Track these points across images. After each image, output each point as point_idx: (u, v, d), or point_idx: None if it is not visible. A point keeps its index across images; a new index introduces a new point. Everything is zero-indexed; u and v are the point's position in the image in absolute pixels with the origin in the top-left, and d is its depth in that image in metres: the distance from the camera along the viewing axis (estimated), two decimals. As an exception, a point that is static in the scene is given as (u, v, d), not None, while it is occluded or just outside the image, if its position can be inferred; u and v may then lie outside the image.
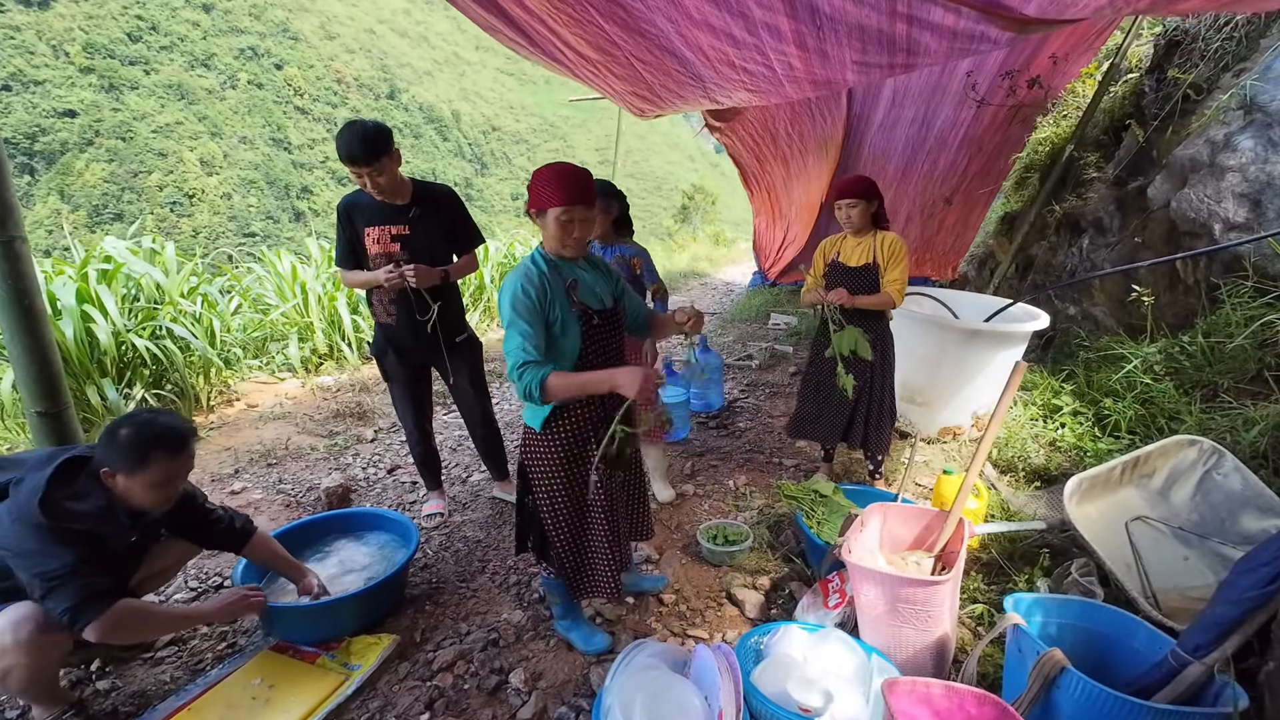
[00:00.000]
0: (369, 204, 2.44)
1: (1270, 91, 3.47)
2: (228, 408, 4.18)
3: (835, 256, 2.87)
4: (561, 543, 1.90)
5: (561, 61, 3.72)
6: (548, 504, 1.86)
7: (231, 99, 64.30)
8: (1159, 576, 2.22)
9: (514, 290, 1.67)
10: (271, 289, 5.22)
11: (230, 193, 58.20)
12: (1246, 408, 2.95)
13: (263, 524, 2.78)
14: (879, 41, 3.40)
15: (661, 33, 3.36)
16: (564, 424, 1.81)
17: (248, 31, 68.88)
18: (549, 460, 1.83)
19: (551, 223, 1.70)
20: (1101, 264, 4.55)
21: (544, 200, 1.68)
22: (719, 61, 3.70)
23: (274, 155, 63.32)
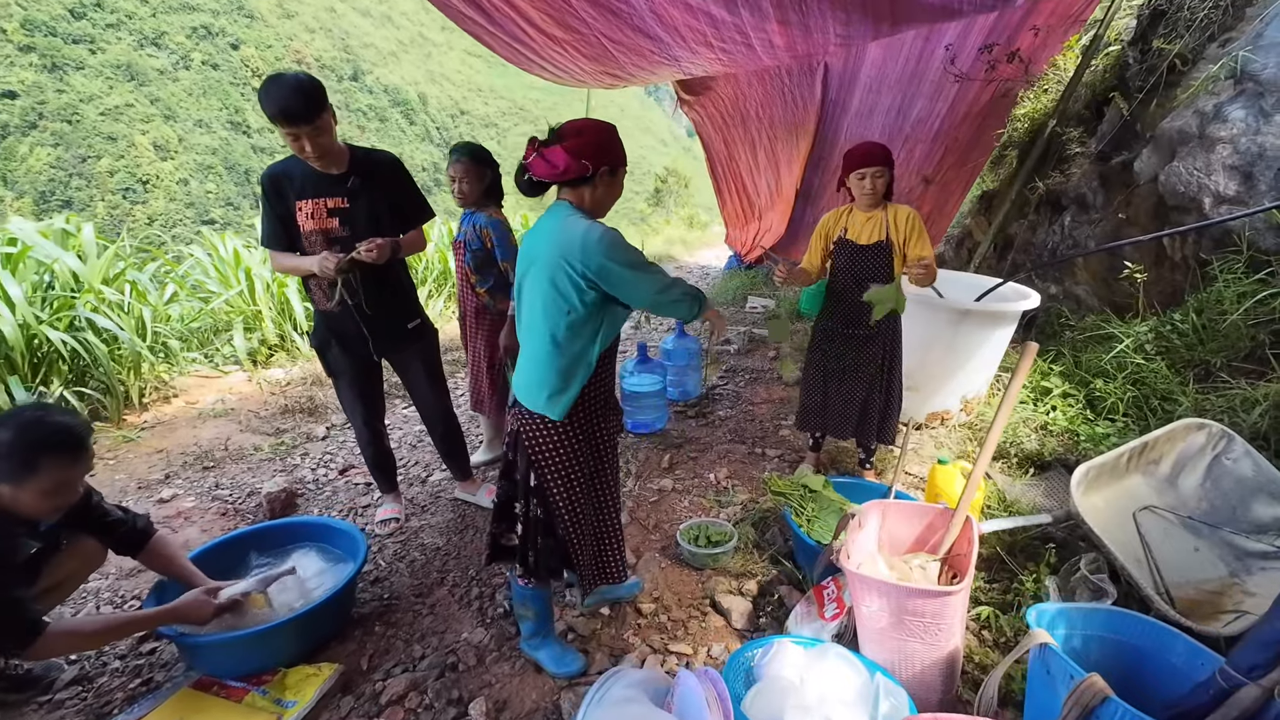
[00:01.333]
0: (300, 174, 2.13)
1: (1262, 60, 3.34)
2: (164, 405, 3.83)
3: (842, 234, 2.63)
4: (582, 535, 1.80)
5: (525, 41, 3.42)
6: (565, 498, 1.73)
7: (185, 80, 61.54)
8: (1170, 570, 2.08)
9: (613, 231, 1.57)
10: (214, 275, 4.82)
11: (187, 178, 55.92)
12: (1243, 387, 2.84)
13: (192, 536, 2.51)
14: (864, 11, 3.19)
15: (635, 11, 3.10)
16: (583, 411, 1.71)
17: (200, 9, 65.81)
18: (569, 450, 1.71)
19: (619, 180, 1.68)
20: (1085, 241, 4.43)
21: (621, 157, 1.65)
22: (696, 42, 3.45)
23: (233, 139, 60.92)
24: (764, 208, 7.63)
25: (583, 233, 1.54)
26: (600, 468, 1.82)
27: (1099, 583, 1.97)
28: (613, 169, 1.63)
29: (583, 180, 1.60)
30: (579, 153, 1.55)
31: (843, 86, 5.71)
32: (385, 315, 2.35)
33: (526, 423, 1.69)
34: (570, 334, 1.61)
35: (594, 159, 1.57)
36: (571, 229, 1.56)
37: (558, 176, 1.57)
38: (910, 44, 5.05)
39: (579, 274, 1.54)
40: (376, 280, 2.24)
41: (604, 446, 1.82)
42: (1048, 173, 4.93)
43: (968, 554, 1.72)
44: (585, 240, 1.52)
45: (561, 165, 1.55)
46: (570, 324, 1.60)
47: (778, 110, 6.15)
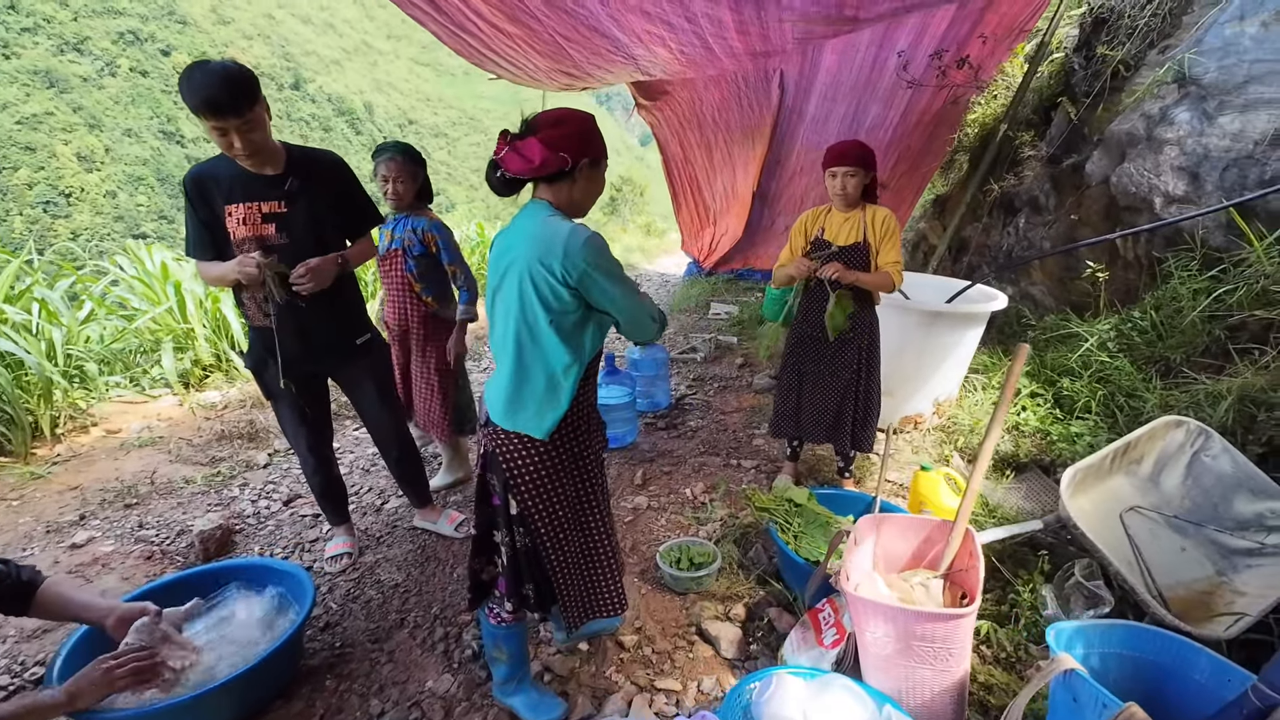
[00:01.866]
0: (229, 175, 1.90)
1: (1204, 64, 3.44)
2: (80, 436, 3.45)
3: (819, 234, 2.55)
4: (568, 566, 1.63)
5: (473, 32, 3.24)
6: (549, 525, 1.56)
7: (112, 87, 58.40)
8: (1160, 571, 2.04)
9: (600, 240, 1.43)
10: (140, 290, 4.41)
11: (115, 190, 52.95)
12: (1205, 382, 2.88)
13: (111, 585, 2.21)
14: (824, 19, 3.16)
15: (591, 14, 2.98)
16: (569, 428, 1.56)
17: (127, 14, 62.66)
18: (554, 472, 1.55)
19: (602, 173, 1.54)
20: (1039, 242, 4.51)
21: (603, 149, 1.51)
22: (653, 43, 3.35)
23: (165, 149, 58.04)
24: (719, 212, 7.61)
25: (566, 235, 1.39)
26: (589, 489, 1.66)
27: (1095, 589, 1.92)
28: (594, 162, 1.49)
29: (562, 175, 1.45)
30: (556, 144, 1.40)
31: (799, 93, 5.74)
32: (330, 330, 2.13)
33: (503, 444, 1.51)
34: (553, 345, 1.46)
35: (574, 151, 1.42)
36: (552, 230, 1.41)
37: (534, 172, 1.41)
38: (864, 52, 5.09)
39: (560, 280, 1.39)
40: (322, 292, 2.02)
41: (591, 465, 1.66)
42: (1001, 175, 5.02)
43: (972, 569, 1.63)
44: (568, 243, 1.38)
45: (538, 159, 1.39)
46: (554, 333, 1.45)
47: (734, 114, 6.13)
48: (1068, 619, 1.89)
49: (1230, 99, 3.26)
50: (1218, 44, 3.40)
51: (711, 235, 7.94)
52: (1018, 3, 4.40)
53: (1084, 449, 2.79)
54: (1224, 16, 3.44)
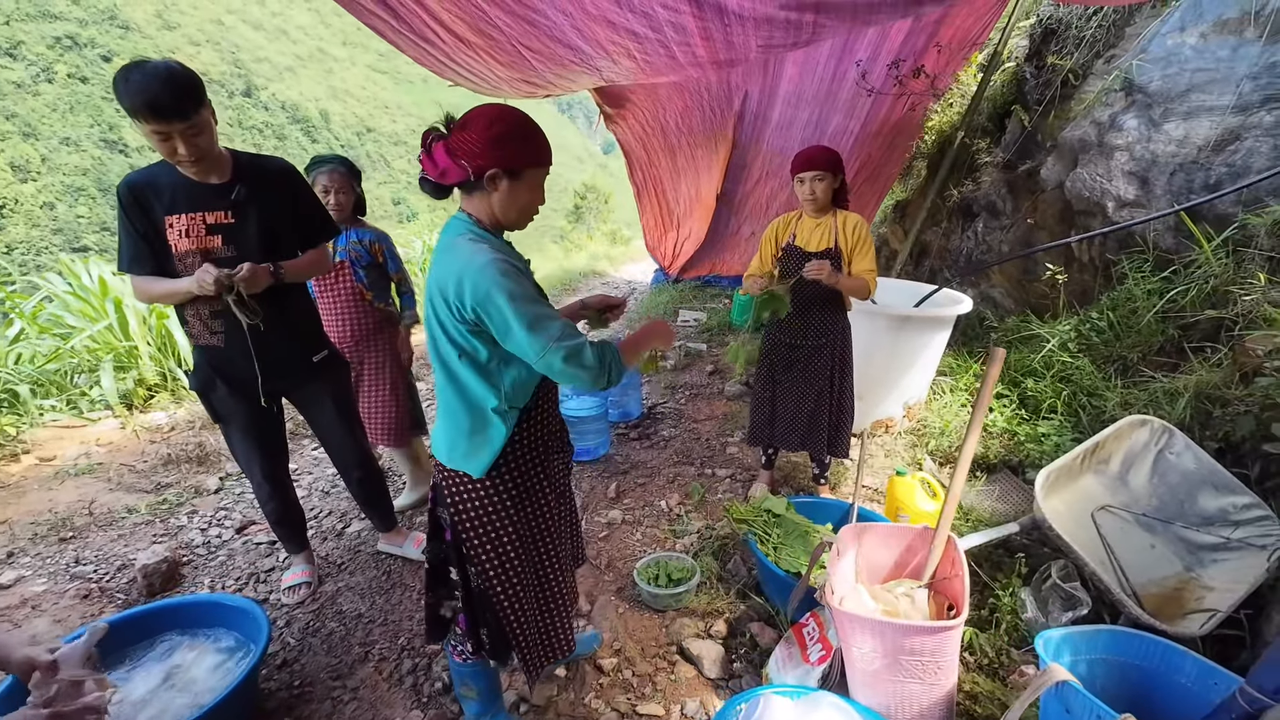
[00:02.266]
0: (170, 183, 1.77)
1: (1149, 73, 3.57)
2: (10, 464, 3.20)
3: (790, 240, 2.53)
4: (520, 611, 1.48)
5: (434, 42, 3.15)
6: (498, 568, 1.43)
7: (48, 94, 55.76)
8: (1132, 569, 2.07)
9: (503, 262, 1.23)
10: (76, 307, 4.14)
11: (53, 201, 50.50)
12: (1160, 380, 2.96)
13: (43, 628, 2.04)
14: (785, 27, 3.17)
15: (553, 24, 2.92)
16: (514, 461, 1.42)
17: (64, 18, 60.00)
18: (498, 511, 1.41)
19: (526, 185, 1.32)
20: (998, 246, 4.62)
21: (527, 156, 1.29)
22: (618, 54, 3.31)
23: (107, 159, 55.63)
24: (683, 215, 7.62)
25: (463, 261, 1.23)
26: (542, 526, 1.50)
27: (1072, 590, 1.93)
28: (512, 172, 1.28)
29: (473, 186, 1.29)
30: (458, 151, 1.24)
31: (763, 98, 5.78)
32: (286, 348, 2.00)
33: (447, 480, 1.40)
34: (474, 382, 1.32)
35: (478, 159, 1.24)
36: (452, 256, 1.26)
37: (441, 179, 1.27)
38: (824, 64, 5.18)
39: (457, 313, 1.25)
40: (273, 306, 1.90)
41: (544, 499, 1.49)
42: (959, 181, 5.14)
43: (956, 577, 1.61)
44: (463, 272, 1.22)
45: (440, 166, 1.25)
46: (470, 369, 1.31)
47: (696, 119, 6.16)
48: (1047, 622, 1.90)
49: (1174, 106, 3.39)
50: (1160, 54, 3.53)
51: (675, 239, 7.94)
52: (969, 17, 4.52)
53: (1051, 449, 2.84)
54: (1165, 28, 3.58)
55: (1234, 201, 2.99)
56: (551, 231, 31.84)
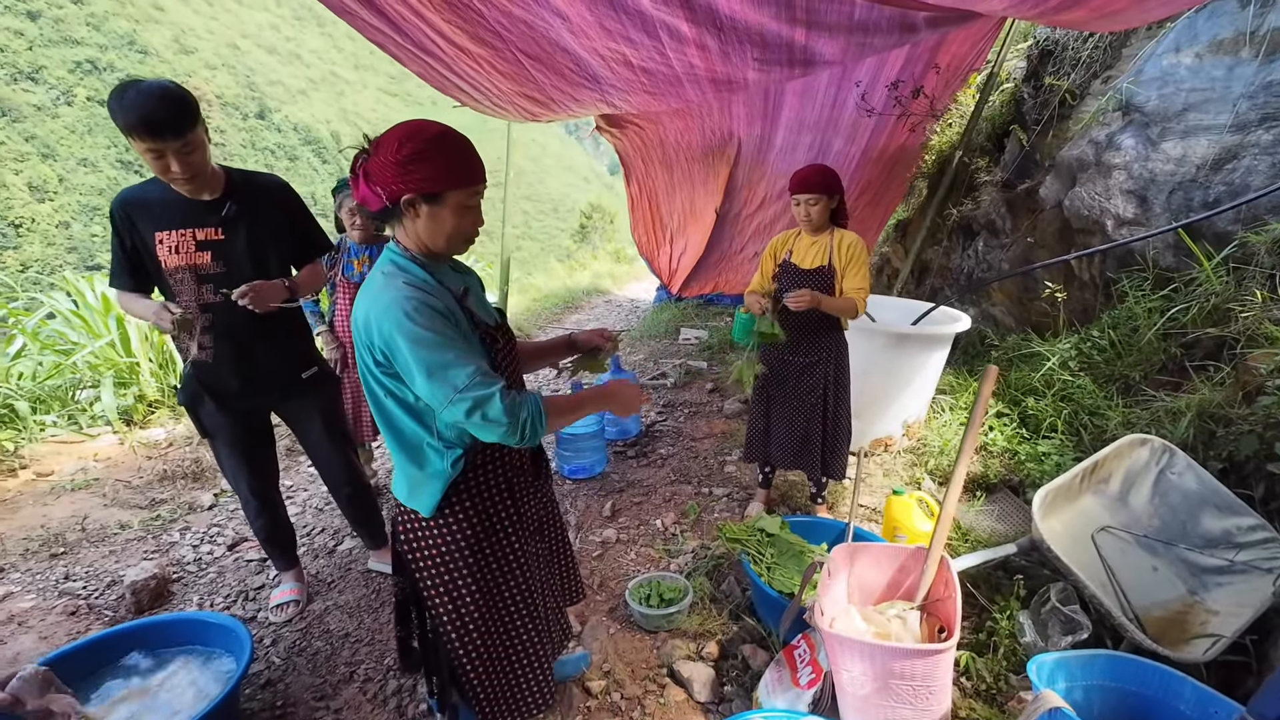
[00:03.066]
0: (160, 200, 1.80)
1: (1145, 93, 3.59)
2: (8, 479, 3.21)
3: (787, 256, 2.55)
4: (478, 664, 1.35)
5: (435, 53, 3.20)
6: (452, 614, 1.31)
7: (67, 116, 56.96)
8: (1134, 592, 2.02)
9: (409, 300, 1.11)
10: (78, 324, 4.18)
11: (69, 221, 51.32)
12: (1163, 399, 2.93)
13: (27, 646, 2.01)
14: (778, 44, 3.21)
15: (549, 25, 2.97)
16: (471, 500, 1.28)
17: (85, 43, 61.50)
18: (451, 555, 1.28)
19: (451, 210, 1.18)
20: (998, 264, 4.61)
21: (440, 179, 1.14)
22: (615, 62, 3.35)
23: (122, 179, 56.54)
24: (676, 230, 7.65)
25: (373, 297, 1.15)
26: (506, 571, 1.35)
27: (1071, 614, 1.88)
28: (431, 196, 1.15)
29: (390, 213, 1.18)
30: (373, 175, 1.14)
31: (766, 122, 5.83)
32: (275, 363, 2.01)
33: (400, 516, 1.32)
34: (403, 418, 1.22)
35: (392, 185, 1.13)
36: (367, 289, 1.18)
37: (365, 206, 1.18)
38: (824, 90, 5.25)
39: (368, 351, 1.17)
40: (263, 323, 1.91)
41: (510, 540, 1.36)
42: (959, 200, 5.15)
43: (948, 598, 1.57)
44: (372, 307, 1.14)
45: (358, 194, 1.17)
46: (398, 406, 1.21)
47: (695, 138, 6.22)
48: (1046, 646, 1.85)
49: (1172, 125, 3.39)
50: (1156, 74, 3.55)
51: (669, 254, 7.97)
52: (965, 42, 4.58)
53: (1052, 468, 2.80)
54: (1160, 48, 3.60)
55: (1233, 219, 2.97)
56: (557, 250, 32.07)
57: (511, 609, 1.37)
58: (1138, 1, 2.08)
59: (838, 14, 2.81)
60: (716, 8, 2.78)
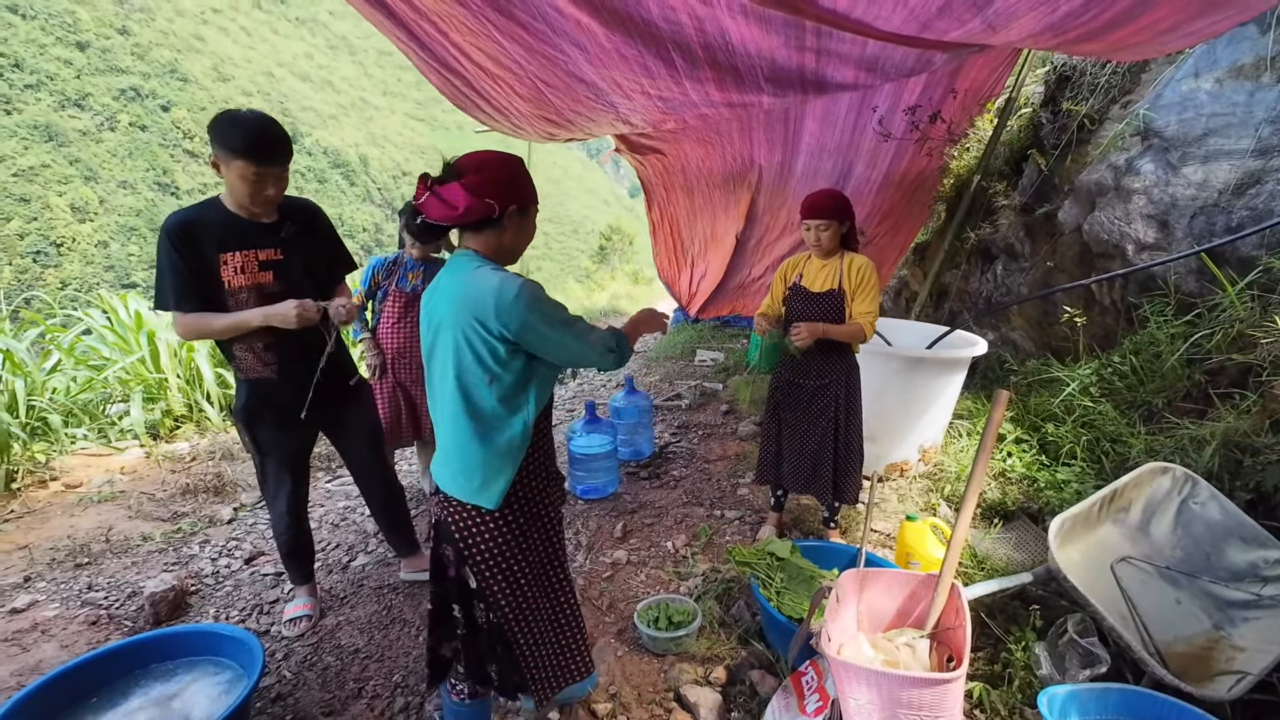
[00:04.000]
0: (221, 222, 1.89)
1: (1164, 118, 3.57)
2: (39, 490, 3.31)
3: (797, 280, 2.57)
4: (535, 642, 1.51)
5: (457, 70, 3.31)
6: (511, 599, 1.45)
7: (110, 141, 59.41)
8: (1155, 625, 1.96)
9: (534, 285, 1.35)
10: (111, 340, 4.32)
11: (108, 240, 53.25)
12: (1188, 426, 2.86)
13: (50, 653, 2.07)
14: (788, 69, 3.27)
15: (568, 58, 3.06)
16: (523, 489, 1.46)
17: (129, 71, 64.33)
18: (512, 543, 1.44)
19: (531, 221, 1.48)
20: (1017, 288, 4.57)
21: (533, 195, 1.44)
22: (632, 90, 3.44)
23: (159, 200, 58.68)
24: (697, 254, 7.70)
25: (497, 288, 1.31)
26: (550, 551, 1.55)
27: (1089, 647, 1.83)
28: (523, 207, 1.41)
29: (489, 223, 1.37)
30: (481, 190, 1.32)
31: (787, 149, 5.88)
32: (329, 375, 2.11)
33: (457, 515, 1.42)
34: (497, 406, 1.37)
35: (500, 197, 1.34)
36: (482, 284, 1.32)
37: (457, 219, 1.33)
38: (844, 116, 5.29)
39: (496, 336, 1.31)
40: (316, 335, 2.01)
41: (551, 525, 1.55)
42: (977, 224, 5.13)
43: (959, 627, 1.55)
44: (500, 296, 1.30)
45: (461, 206, 1.31)
46: (495, 394, 1.36)
47: (716, 164, 6.28)
48: (1063, 679, 1.80)
49: (1192, 150, 3.37)
50: (1176, 99, 3.53)
51: (690, 277, 8.02)
52: (984, 69, 4.60)
53: (1071, 496, 2.74)
54: (1179, 74, 3.59)
55: (1257, 244, 2.93)
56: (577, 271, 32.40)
57: (557, 586, 1.55)
58: (1155, 36, 2.09)
59: (849, 48, 2.85)
60: (729, 38, 2.84)
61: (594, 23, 2.53)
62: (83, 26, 62.16)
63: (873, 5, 2.14)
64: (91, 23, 63.20)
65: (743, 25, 2.59)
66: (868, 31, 2.40)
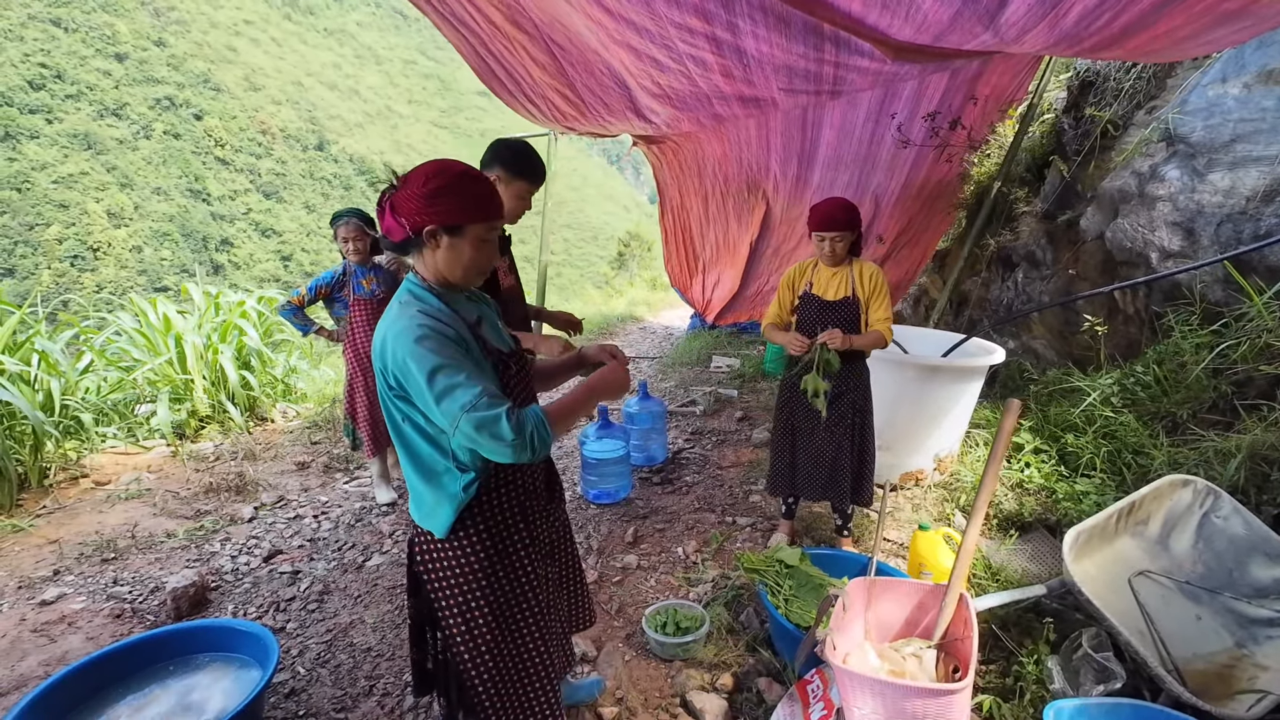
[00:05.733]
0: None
1: (1190, 123, 3.51)
2: (71, 487, 3.42)
3: (808, 288, 2.56)
4: (490, 686, 1.36)
5: (471, 26, 3.29)
6: (465, 635, 1.32)
7: (145, 149, 61.29)
8: (1175, 642, 1.92)
9: (420, 327, 1.17)
10: (141, 342, 4.46)
11: (141, 245, 54.84)
12: (1213, 438, 2.79)
13: (74, 646, 2.14)
14: (806, 77, 3.27)
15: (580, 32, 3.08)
16: (484, 524, 1.31)
17: (165, 82, 66.38)
18: (465, 577, 1.30)
19: (470, 243, 1.25)
20: (1038, 296, 4.50)
21: (461, 213, 1.22)
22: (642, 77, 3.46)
23: (191, 206, 60.35)
24: (709, 261, 7.68)
25: (388, 324, 1.21)
26: (519, 593, 1.37)
27: (1104, 662, 1.79)
28: (452, 229, 1.22)
29: (412, 244, 1.25)
30: (399, 208, 1.21)
31: (802, 161, 5.86)
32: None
33: (416, 536, 1.36)
34: (419, 441, 1.26)
35: (416, 216, 1.20)
36: (385, 316, 1.24)
37: (390, 236, 1.24)
38: (861, 126, 5.26)
39: (382, 377, 1.23)
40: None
41: (523, 562, 1.38)
42: (997, 231, 5.07)
43: (966, 638, 1.53)
44: (387, 334, 1.20)
45: (384, 224, 1.24)
46: (413, 430, 1.26)
47: (732, 169, 6.27)
48: (1077, 694, 1.77)
49: (1219, 156, 3.30)
50: (1202, 104, 3.47)
51: (702, 285, 8.01)
52: (1005, 73, 4.55)
53: (1090, 508, 2.69)
54: (1206, 79, 3.52)
55: (1286, 253, 2.86)
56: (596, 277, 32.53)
57: (524, 631, 1.38)
58: (1175, 44, 2.06)
59: (868, 61, 2.85)
60: (744, 48, 2.85)
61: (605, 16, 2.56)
62: (121, 39, 64.33)
63: (885, 13, 2.14)
64: (129, 35, 65.38)
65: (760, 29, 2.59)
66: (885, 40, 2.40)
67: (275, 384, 4.91)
